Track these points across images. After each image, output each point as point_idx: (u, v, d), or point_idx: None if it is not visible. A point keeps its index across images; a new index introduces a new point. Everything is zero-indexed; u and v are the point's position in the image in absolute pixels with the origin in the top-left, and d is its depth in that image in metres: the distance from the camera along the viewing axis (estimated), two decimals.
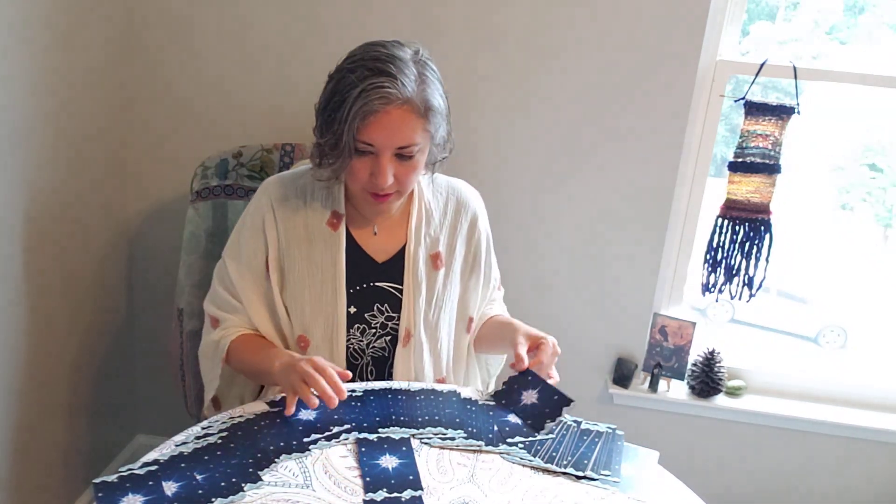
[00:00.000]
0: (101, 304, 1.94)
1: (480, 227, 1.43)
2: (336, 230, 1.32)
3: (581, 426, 1.22)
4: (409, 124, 1.18)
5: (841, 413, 1.98)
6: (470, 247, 1.42)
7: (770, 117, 1.75)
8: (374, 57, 1.17)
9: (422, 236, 1.36)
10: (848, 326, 3.03)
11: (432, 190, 1.40)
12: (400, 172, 1.22)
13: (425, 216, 1.37)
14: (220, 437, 1.09)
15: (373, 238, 1.36)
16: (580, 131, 1.83)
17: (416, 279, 1.35)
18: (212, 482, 0.99)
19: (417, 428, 1.16)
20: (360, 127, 1.16)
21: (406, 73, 1.16)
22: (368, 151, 1.19)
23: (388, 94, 1.14)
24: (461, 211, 1.41)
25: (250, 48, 1.84)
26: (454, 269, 1.40)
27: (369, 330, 1.35)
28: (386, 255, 1.36)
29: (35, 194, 1.60)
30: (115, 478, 0.98)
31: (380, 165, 1.19)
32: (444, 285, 1.38)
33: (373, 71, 1.15)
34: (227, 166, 1.67)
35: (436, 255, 1.38)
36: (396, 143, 1.19)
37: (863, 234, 2.82)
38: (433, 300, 1.37)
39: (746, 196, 1.80)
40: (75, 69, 1.69)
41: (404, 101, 1.16)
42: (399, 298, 1.35)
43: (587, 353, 2.00)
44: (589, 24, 1.74)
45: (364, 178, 1.22)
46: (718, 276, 1.87)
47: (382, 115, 1.15)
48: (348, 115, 1.15)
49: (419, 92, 1.18)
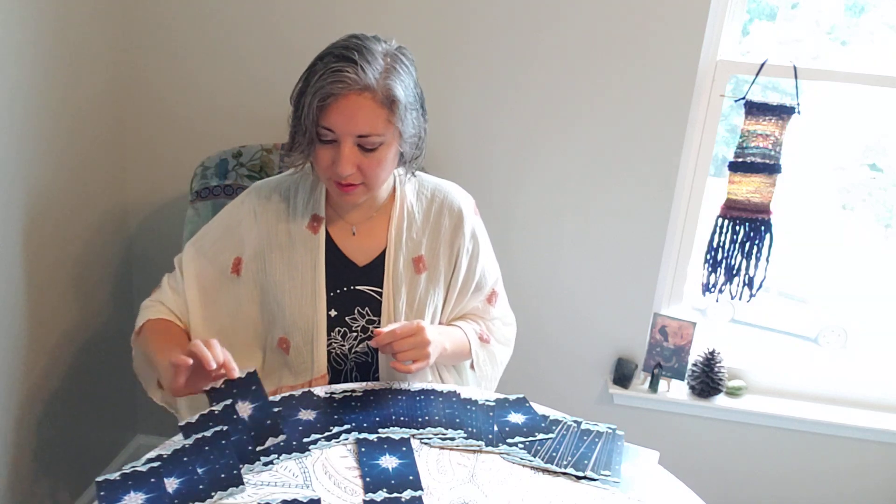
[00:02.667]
0: (101, 303, 1.94)
1: (465, 230, 1.38)
2: (316, 233, 1.32)
3: (581, 426, 1.22)
4: (368, 112, 1.17)
5: (841, 413, 1.98)
6: (452, 249, 1.38)
7: (770, 117, 1.75)
8: (345, 45, 1.19)
9: (402, 240, 1.35)
10: (848, 326, 3.03)
11: (416, 192, 1.38)
12: (364, 164, 1.21)
13: (406, 219, 1.35)
14: (222, 428, 1.08)
15: (353, 241, 1.35)
16: (580, 131, 1.83)
17: (395, 283, 1.34)
18: (212, 474, 0.99)
19: (417, 428, 1.16)
20: (319, 111, 1.17)
21: (370, 61, 1.17)
22: (331, 139, 1.20)
23: (346, 77, 1.15)
24: (445, 213, 1.38)
25: (250, 48, 1.84)
26: (438, 273, 1.37)
27: (350, 333, 1.34)
28: (366, 258, 1.35)
29: (35, 194, 1.60)
30: (118, 475, 0.98)
31: (340, 152, 1.19)
32: (426, 289, 1.36)
33: (338, 58, 1.17)
34: (226, 166, 1.67)
35: (418, 258, 1.36)
36: (354, 129, 1.18)
37: (863, 234, 2.82)
38: (414, 304, 1.35)
39: (747, 196, 1.80)
40: (76, 70, 1.69)
41: (363, 87, 1.16)
42: (379, 302, 1.34)
43: (587, 353, 2.00)
44: (589, 23, 1.74)
45: (327, 166, 1.22)
46: (718, 276, 1.87)
47: (341, 98, 1.16)
48: (310, 98, 1.16)
49: (382, 81, 1.17)
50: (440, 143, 1.82)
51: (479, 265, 1.43)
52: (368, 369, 1.37)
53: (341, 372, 1.37)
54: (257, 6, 1.80)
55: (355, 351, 1.35)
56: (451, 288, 1.40)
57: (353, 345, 1.35)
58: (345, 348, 1.35)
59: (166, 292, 1.36)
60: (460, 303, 1.43)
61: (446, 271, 1.39)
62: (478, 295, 1.46)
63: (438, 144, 1.81)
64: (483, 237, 1.45)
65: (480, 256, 1.43)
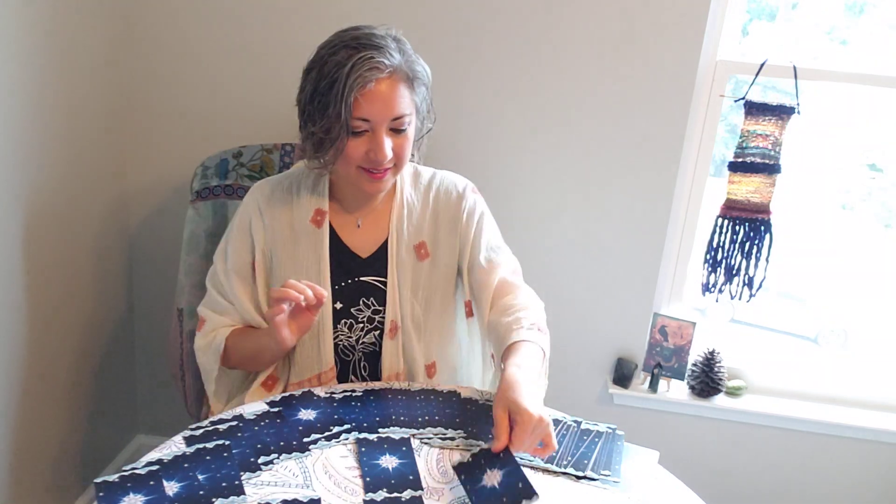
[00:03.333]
0: (102, 304, 1.94)
1: (464, 208, 1.38)
2: (320, 227, 1.34)
3: (581, 426, 1.22)
4: (399, 93, 1.21)
5: (841, 413, 1.98)
6: (456, 232, 1.38)
7: (770, 117, 1.75)
8: (353, 37, 1.21)
9: (403, 228, 1.36)
10: (848, 326, 3.03)
11: (414, 181, 1.41)
12: (396, 146, 1.24)
13: (406, 207, 1.38)
14: (223, 436, 1.09)
15: (356, 233, 1.37)
16: (579, 131, 1.83)
17: (400, 271, 1.36)
18: (213, 482, 0.99)
19: (417, 428, 1.16)
20: (355, 103, 1.18)
21: (387, 44, 1.21)
22: (363, 130, 1.21)
23: (378, 63, 1.17)
24: (443, 198, 1.39)
25: (250, 48, 1.84)
26: (440, 258, 1.39)
27: (356, 325, 1.36)
28: (369, 249, 1.37)
29: (35, 194, 1.60)
30: (117, 477, 0.98)
31: (377, 140, 1.21)
32: (430, 275, 1.38)
33: (356, 48, 1.18)
34: (227, 166, 1.67)
35: (420, 244, 1.37)
36: (390, 114, 1.21)
37: (863, 234, 2.82)
38: (419, 291, 1.37)
39: (746, 196, 1.80)
40: (75, 69, 1.69)
41: (393, 69, 1.20)
42: (384, 291, 1.36)
43: (587, 353, 2.00)
44: (588, 24, 1.74)
45: (360, 158, 1.23)
46: (718, 276, 1.87)
47: (375, 85, 1.18)
48: (343, 92, 1.17)
49: (404, 61, 1.22)
50: (440, 143, 1.82)
51: (483, 238, 1.39)
52: (377, 359, 1.38)
53: (349, 363, 1.38)
54: (257, 7, 1.80)
55: (362, 342, 1.37)
56: (462, 266, 1.39)
57: (360, 335, 1.36)
58: (352, 339, 1.36)
59: (214, 320, 1.36)
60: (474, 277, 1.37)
61: (451, 255, 1.39)
62: (495, 269, 1.37)
63: (438, 144, 1.81)
64: (487, 213, 1.42)
65: (485, 231, 1.40)
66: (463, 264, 1.40)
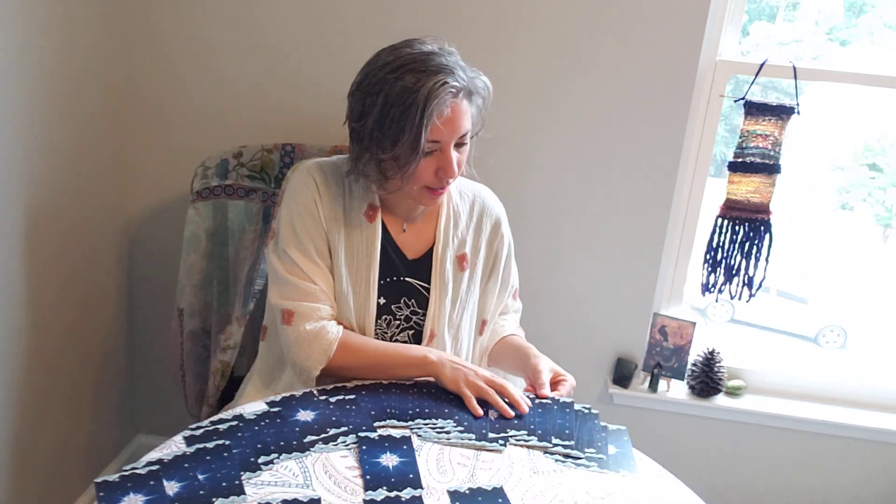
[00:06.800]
0: (102, 303, 1.94)
1: (503, 232, 1.46)
2: (373, 222, 1.34)
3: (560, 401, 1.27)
4: (466, 113, 1.23)
5: (841, 413, 1.98)
6: (491, 250, 1.45)
7: (770, 117, 1.75)
8: (413, 58, 1.19)
9: (450, 237, 1.39)
10: (848, 326, 3.03)
11: (459, 192, 1.44)
12: (459, 161, 1.26)
13: (453, 217, 1.41)
14: (223, 436, 1.09)
15: (403, 235, 1.38)
16: (579, 131, 1.83)
17: (443, 280, 1.38)
18: (213, 482, 0.99)
19: (408, 420, 1.17)
20: (432, 128, 1.18)
21: (449, 63, 1.20)
22: (433, 150, 1.22)
23: (452, 88, 1.18)
24: (485, 214, 1.44)
25: (250, 48, 1.84)
26: (477, 271, 1.43)
27: (394, 322, 1.38)
28: (416, 253, 1.39)
29: (35, 194, 1.60)
30: (117, 477, 0.98)
31: (447, 159, 1.23)
32: (468, 287, 1.41)
33: (424, 72, 1.17)
34: (227, 166, 1.67)
35: (462, 256, 1.41)
36: (459, 132, 1.22)
37: (863, 234, 2.82)
38: (458, 301, 1.40)
39: (746, 196, 1.80)
40: (76, 69, 1.69)
41: (463, 91, 1.21)
42: (424, 296, 1.38)
43: (587, 352, 2.01)
44: (589, 24, 1.74)
45: (429, 178, 1.25)
46: (718, 276, 1.87)
47: (453, 108, 1.19)
48: (420, 119, 1.16)
49: (468, 78, 1.22)
50: None
51: (511, 266, 1.52)
52: None
53: None
54: (257, 7, 1.80)
55: (396, 339, 1.39)
56: (490, 289, 1.47)
57: (395, 332, 1.38)
58: (388, 336, 1.38)
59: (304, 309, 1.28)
60: (492, 301, 1.49)
61: (483, 271, 1.45)
62: (504, 294, 1.52)
63: None
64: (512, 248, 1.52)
65: (512, 259, 1.51)
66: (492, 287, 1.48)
